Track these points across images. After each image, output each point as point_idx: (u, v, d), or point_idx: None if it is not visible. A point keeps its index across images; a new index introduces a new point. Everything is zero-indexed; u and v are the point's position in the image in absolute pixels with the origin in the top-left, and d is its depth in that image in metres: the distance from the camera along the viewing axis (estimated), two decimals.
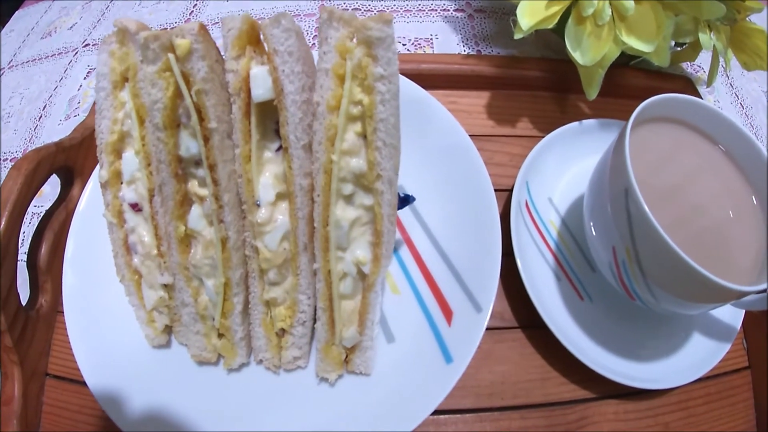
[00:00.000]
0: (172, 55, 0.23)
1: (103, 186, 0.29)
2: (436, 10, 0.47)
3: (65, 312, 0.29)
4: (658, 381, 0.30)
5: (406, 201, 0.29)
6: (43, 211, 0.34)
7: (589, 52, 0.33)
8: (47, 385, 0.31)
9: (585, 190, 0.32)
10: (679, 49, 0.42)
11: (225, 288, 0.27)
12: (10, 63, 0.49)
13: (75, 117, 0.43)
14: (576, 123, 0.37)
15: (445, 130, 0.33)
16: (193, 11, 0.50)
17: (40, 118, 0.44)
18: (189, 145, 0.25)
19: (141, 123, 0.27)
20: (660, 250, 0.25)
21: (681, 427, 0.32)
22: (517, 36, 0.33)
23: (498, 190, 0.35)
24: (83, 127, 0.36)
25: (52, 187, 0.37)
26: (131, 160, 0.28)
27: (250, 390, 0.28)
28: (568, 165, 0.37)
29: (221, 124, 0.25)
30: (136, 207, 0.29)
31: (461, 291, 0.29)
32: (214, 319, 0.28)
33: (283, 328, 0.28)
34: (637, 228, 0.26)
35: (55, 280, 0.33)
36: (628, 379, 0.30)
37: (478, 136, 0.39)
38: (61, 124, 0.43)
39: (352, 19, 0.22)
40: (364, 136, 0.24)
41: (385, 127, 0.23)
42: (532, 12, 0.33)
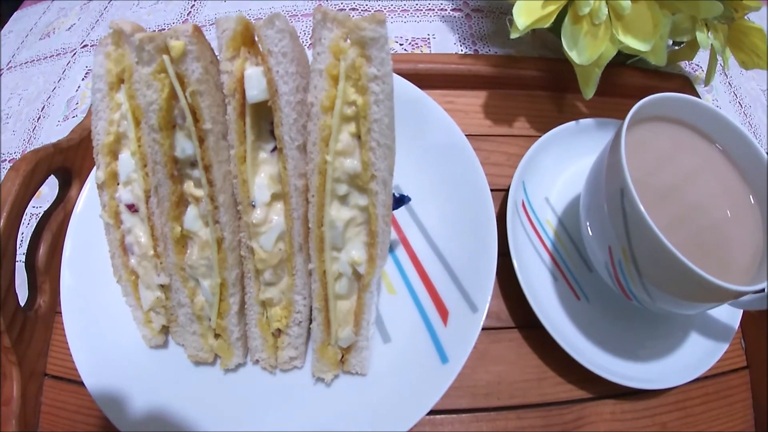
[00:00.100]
0: (167, 57, 0.23)
1: (100, 187, 0.29)
2: (434, 10, 0.47)
3: (63, 312, 0.29)
4: (656, 381, 0.30)
5: (402, 201, 0.29)
6: (42, 211, 0.35)
7: (585, 52, 0.33)
8: (45, 386, 0.32)
9: (581, 189, 0.32)
10: (676, 48, 0.41)
11: (221, 288, 0.27)
12: (8, 64, 0.50)
13: (73, 118, 0.43)
14: (573, 122, 0.36)
15: (442, 130, 0.33)
16: (190, 12, 0.50)
17: (38, 119, 0.44)
18: (184, 146, 0.25)
19: (137, 124, 0.27)
20: (656, 250, 0.25)
21: (679, 427, 0.32)
22: (513, 35, 0.33)
23: (495, 190, 0.35)
24: (81, 128, 0.36)
25: (50, 188, 0.37)
26: (127, 161, 0.28)
27: (246, 390, 0.29)
28: (565, 164, 0.37)
29: (216, 125, 0.25)
30: (132, 208, 0.29)
31: (457, 291, 0.29)
32: (210, 320, 0.28)
33: (279, 329, 0.28)
34: (633, 228, 0.26)
35: (54, 281, 0.33)
36: (625, 379, 0.30)
37: (475, 135, 0.39)
38: (60, 125, 0.43)
39: (345, 20, 0.22)
40: (358, 137, 0.24)
41: (379, 127, 0.23)
42: (528, 11, 0.33)
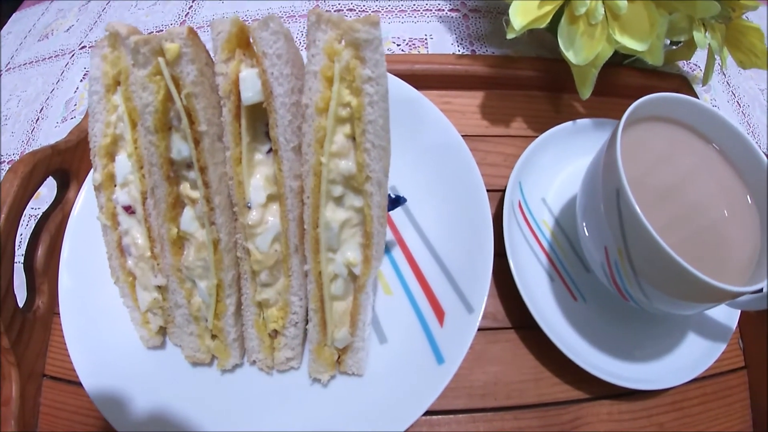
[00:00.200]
0: (162, 59, 0.23)
1: (97, 189, 0.29)
2: (431, 10, 0.47)
3: (61, 314, 0.30)
4: (653, 381, 0.30)
5: (398, 202, 0.30)
6: (40, 213, 0.35)
7: (582, 52, 0.33)
8: (44, 386, 0.32)
9: (578, 190, 0.32)
10: (674, 47, 0.41)
11: (217, 289, 0.27)
12: (7, 65, 0.50)
13: (71, 119, 0.43)
14: (570, 123, 0.36)
15: (438, 131, 0.33)
16: (188, 13, 0.50)
17: (37, 121, 0.44)
18: (180, 147, 0.25)
19: (133, 126, 0.27)
20: (651, 251, 0.25)
21: (676, 427, 0.32)
22: (509, 36, 0.33)
23: (492, 191, 0.35)
24: (79, 129, 0.36)
25: (48, 190, 0.37)
26: (124, 163, 0.28)
27: (243, 391, 0.29)
28: (562, 165, 0.36)
29: (212, 126, 0.25)
30: (129, 209, 0.29)
31: (453, 292, 0.29)
32: (207, 321, 0.28)
33: (275, 329, 0.28)
34: (629, 228, 0.26)
35: (52, 282, 0.33)
36: (622, 380, 0.30)
37: (472, 136, 0.39)
38: (58, 127, 0.43)
39: (339, 22, 0.22)
40: (353, 138, 0.24)
41: (373, 128, 0.23)
42: (524, 11, 0.33)
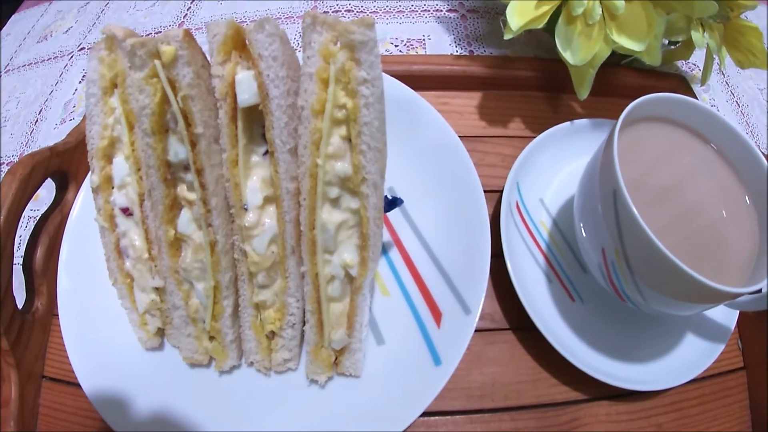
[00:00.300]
0: (158, 62, 0.23)
1: (95, 191, 0.29)
2: (429, 11, 0.47)
3: (60, 315, 0.30)
4: (651, 382, 0.30)
5: (394, 203, 0.29)
6: (39, 214, 0.35)
7: (579, 52, 0.33)
8: (43, 387, 0.32)
9: (575, 190, 0.32)
10: (672, 47, 0.41)
11: (215, 291, 0.27)
12: (6, 67, 0.50)
13: (70, 121, 0.43)
14: (568, 123, 0.36)
15: (435, 131, 0.33)
16: (187, 14, 0.50)
17: (36, 122, 0.44)
18: (177, 150, 0.25)
19: (130, 128, 0.28)
20: (648, 252, 0.25)
21: (675, 428, 0.31)
22: (506, 36, 0.33)
23: (490, 191, 0.35)
24: (77, 131, 0.36)
25: (47, 191, 0.38)
26: (122, 165, 0.28)
27: (241, 392, 0.29)
28: (559, 165, 0.36)
29: (208, 129, 0.25)
30: (126, 211, 0.29)
31: (450, 293, 0.29)
32: (204, 322, 0.28)
33: (272, 331, 0.28)
34: (626, 229, 0.26)
35: (51, 284, 0.33)
36: (620, 381, 0.30)
37: (470, 137, 0.39)
38: (57, 128, 0.43)
39: (335, 24, 0.22)
40: (349, 140, 0.24)
41: (369, 130, 0.23)
42: (521, 12, 0.33)
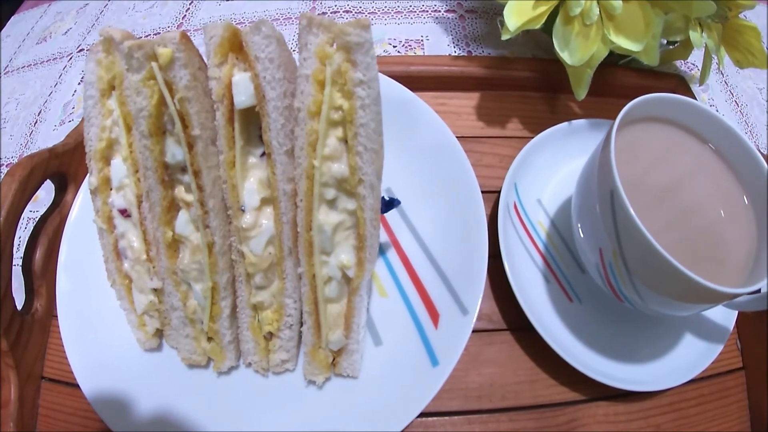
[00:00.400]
0: (155, 64, 0.24)
1: (93, 192, 0.29)
2: (427, 11, 0.47)
3: (59, 317, 0.30)
4: (649, 383, 0.30)
5: (391, 204, 0.29)
6: (39, 216, 0.35)
7: (577, 52, 0.33)
8: (42, 388, 0.32)
9: (573, 191, 0.32)
10: (670, 47, 0.41)
11: (212, 292, 0.27)
12: (6, 68, 0.50)
13: (69, 122, 0.44)
14: (565, 123, 0.36)
15: (432, 132, 0.33)
16: (185, 15, 0.50)
17: (35, 124, 0.44)
18: (174, 151, 0.25)
19: (128, 130, 0.28)
20: (646, 253, 0.25)
21: (674, 428, 0.31)
22: (504, 37, 0.33)
23: (488, 192, 0.35)
24: (76, 132, 0.36)
25: (47, 193, 0.38)
26: (119, 166, 0.29)
27: (239, 392, 0.29)
28: (557, 166, 0.36)
29: (205, 130, 0.25)
30: (125, 213, 0.29)
31: (448, 293, 0.29)
32: (202, 323, 0.28)
33: (270, 332, 0.28)
34: (623, 230, 0.26)
35: (50, 285, 0.33)
36: (618, 382, 0.29)
37: (468, 137, 0.39)
38: (56, 130, 0.43)
39: (331, 25, 0.22)
40: (345, 141, 0.24)
41: (365, 131, 0.23)
42: (519, 12, 0.33)
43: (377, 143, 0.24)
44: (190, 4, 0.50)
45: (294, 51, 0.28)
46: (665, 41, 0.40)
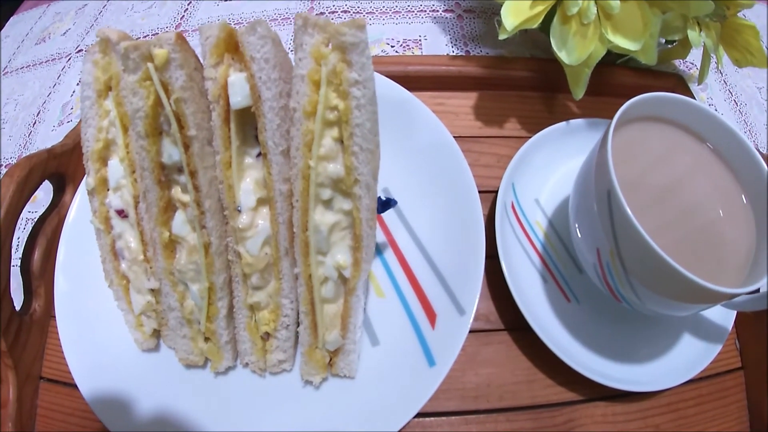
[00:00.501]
0: (151, 65, 0.24)
1: (90, 193, 0.29)
2: (425, 11, 0.47)
3: (57, 317, 0.30)
4: (648, 383, 0.30)
5: (388, 204, 0.29)
6: (37, 216, 0.35)
7: (574, 52, 0.33)
8: (41, 389, 0.32)
9: (570, 191, 0.32)
10: (669, 46, 0.41)
11: (209, 292, 0.27)
12: (5, 69, 0.50)
13: (68, 123, 0.44)
14: (563, 123, 0.36)
15: (430, 131, 0.33)
16: (184, 15, 0.50)
17: (34, 124, 0.45)
18: (171, 152, 0.25)
19: (125, 131, 0.28)
20: (643, 253, 0.25)
21: (672, 428, 0.31)
22: (501, 36, 0.33)
23: (486, 192, 0.35)
24: (75, 133, 0.36)
25: (45, 193, 0.38)
26: (116, 167, 0.29)
27: (236, 393, 0.29)
28: (555, 165, 0.36)
29: (201, 131, 0.25)
30: (122, 213, 0.29)
31: (445, 293, 0.29)
32: (199, 323, 0.28)
33: (267, 332, 0.28)
34: (620, 230, 0.26)
35: (48, 285, 0.33)
36: (616, 382, 0.29)
37: (466, 137, 0.39)
38: (55, 130, 0.44)
39: (326, 25, 0.22)
40: (341, 141, 0.24)
41: (361, 131, 0.23)
42: (516, 12, 0.32)
43: (373, 143, 0.24)
44: (188, 5, 0.50)
45: (290, 51, 0.28)
46: (663, 40, 0.40)
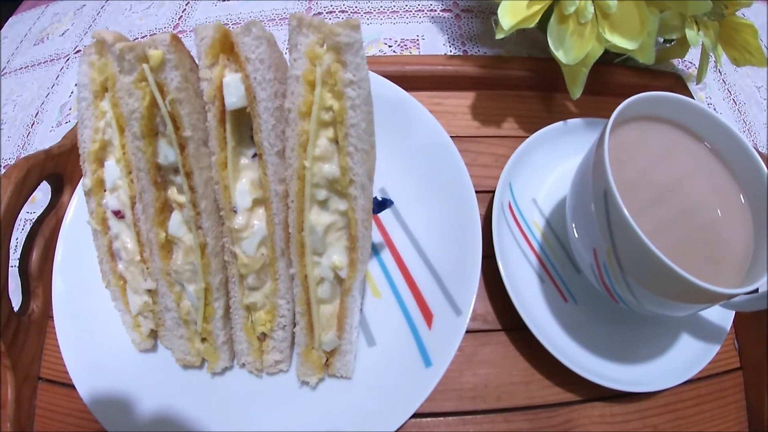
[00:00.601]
0: (147, 66, 0.24)
1: (87, 194, 0.29)
2: (423, 11, 0.47)
3: (55, 318, 0.30)
4: (646, 383, 0.30)
5: (384, 205, 0.29)
6: (35, 217, 0.35)
7: (572, 51, 0.33)
8: (39, 389, 0.32)
9: (568, 191, 0.32)
10: (667, 45, 0.41)
11: (205, 293, 0.27)
12: (3, 70, 0.50)
13: (66, 123, 0.44)
14: (561, 122, 0.36)
15: (426, 131, 0.33)
16: (182, 16, 0.50)
17: (32, 125, 0.45)
18: (167, 153, 0.25)
19: (121, 132, 0.28)
20: (640, 253, 0.25)
21: (670, 429, 0.31)
22: (498, 36, 0.33)
23: (483, 192, 0.35)
24: (72, 134, 0.36)
25: (43, 194, 0.38)
26: (113, 168, 0.29)
27: (233, 393, 0.29)
28: (553, 165, 0.36)
29: (197, 132, 0.25)
30: (118, 214, 0.29)
31: (441, 294, 0.29)
32: (196, 324, 0.28)
33: (263, 333, 0.28)
34: (617, 230, 0.26)
35: (47, 286, 0.33)
36: (614, 382, 0.29)
37: (463, 137, 0.38)
38: (53, 131, 0.44)
39: (321, 26, 0.22)
40: (336, 142, 0.24)
41: (356, 132, 0.23)
42: (513, 11, 0.32)
43: (368, 144, 0.24)
44: (186, 5, 0.50)
45: (286, 52, 0.28)
46: (661, 39, 0.39)
